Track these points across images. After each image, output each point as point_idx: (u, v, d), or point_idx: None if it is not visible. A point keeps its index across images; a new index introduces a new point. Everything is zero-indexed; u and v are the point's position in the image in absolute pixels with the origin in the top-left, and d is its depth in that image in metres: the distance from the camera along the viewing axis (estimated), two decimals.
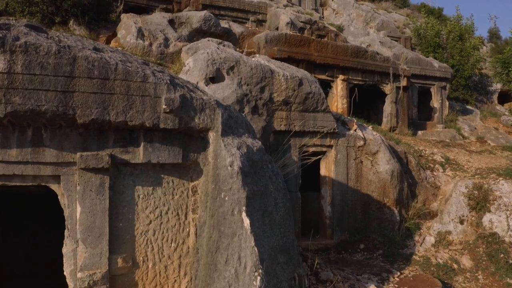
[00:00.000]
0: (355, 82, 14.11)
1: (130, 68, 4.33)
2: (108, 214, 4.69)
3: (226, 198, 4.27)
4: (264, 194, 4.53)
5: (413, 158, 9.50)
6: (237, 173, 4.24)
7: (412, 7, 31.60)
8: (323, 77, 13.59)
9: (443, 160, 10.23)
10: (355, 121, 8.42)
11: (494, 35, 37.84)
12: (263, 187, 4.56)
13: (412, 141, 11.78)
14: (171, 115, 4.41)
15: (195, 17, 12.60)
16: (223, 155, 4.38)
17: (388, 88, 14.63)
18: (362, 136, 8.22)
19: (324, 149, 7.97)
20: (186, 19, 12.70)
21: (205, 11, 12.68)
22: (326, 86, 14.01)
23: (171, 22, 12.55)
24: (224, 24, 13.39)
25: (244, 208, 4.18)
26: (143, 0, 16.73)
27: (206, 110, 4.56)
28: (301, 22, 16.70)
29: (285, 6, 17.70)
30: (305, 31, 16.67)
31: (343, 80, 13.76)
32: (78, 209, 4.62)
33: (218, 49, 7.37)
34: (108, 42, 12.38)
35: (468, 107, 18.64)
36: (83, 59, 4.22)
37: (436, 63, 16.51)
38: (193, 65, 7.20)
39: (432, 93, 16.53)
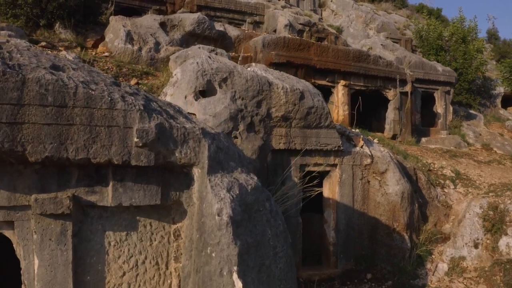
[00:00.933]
0: (357, 88, 13.21)
1: (93, 92, 3.41)
2: (72, 267, 3.78)
3: (213, 255, 3.37)
4: (261, 245, 3.63)
5: (423, 174, 8.62)
6: (227, 224, 3.34)
7: (411, 7, 30.72)
8: (323, 82, 12.69)
9: (454, 175, 9.35)
10: (362, 136, 7.51)
11: (492, 35, 36.97)
12: (260, 236, 3.66)
13: (418, 151, 10.89)
14: (145, 149, 3.50)
15: (188, 19, 11.66)
16: (210, 199, 3.47)
17: (391, 93, 13.73)
18: (369, 153, 7.32)
19: (327, 168, 7.07)
20: (178, 21, 11.76)
21: (198, 14, 11.75)
22: (327, 92, 13.10)
23: (162, 25, 11.61)
24: (219, 26, 12.46)
25: (235, 268, 3.28)
26: (136, 1, 15.78)
27: (189, 142, 3.65)
28: (300, 24, 15.77)
29: (283, 7, 16.77)
30: (304, 34, 15.74)
31: (345, 85, 12.86)
32: (36, 261, 3.72)
33: (210, 58, 6.46)
34: (96, 46, 11.42)
35: (472, 111, 17.75)
36: (34, 82, 3.30)
37: (440, 67, 15.61)
38: (181, 77, 6.28)
39: (436, 98, 15.64)
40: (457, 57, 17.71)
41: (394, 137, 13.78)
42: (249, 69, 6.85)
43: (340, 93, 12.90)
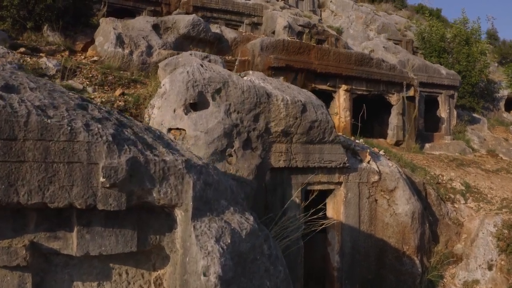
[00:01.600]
0: (359, 93, 12.51)
1: (49, 121, 2.70)
2: None
3: None
4: None
5: (433, 189, 7.94)
6: (215, 287, 2.65)
7: (410, 8, 29.98)
8: (324, 87, 11.99)
9: (464, 188, 8.68)
10: (368, 150, 6.82)
11: (492, 36, 36.28)
12: None
13: (425, 161, 10.21)
14: (114, 190, 2.79)
15: (182, 21, 10.93)
16: (194, 253, 2.78)
17: (394, 98, 13.04)
18: (376, 169, 6.63)
19: (331, 186, 6.37)
20: (172, 23, 11.04)
21: (193, 15, 11.02)
22: (327, 97, 12.41)
23: (155, 27, 10.88)
24: (215, 29, 11.74)
25: None
26: (130, 2, 15.05)
27: (169, 179, 2.95)
28: (300, 25, 15.05)
29: (282, 8, 16.05)
30: (304, 36, 15.02)
31: (346, 90, 12.16)
32: None
33: (202, 66, 5.75)
34: (85, 49, 10.70)
35: (475, 115, 17.07)
36: None
37: (443, 70, 14.92)
38: (169, 88, 5.57)
39: (440, 102, 14.95)
40: (460, 60, 17.02)
41: (397, 143, 13.10)
42: (245, 78, 6.14)
43: (341, 98, 12.20)
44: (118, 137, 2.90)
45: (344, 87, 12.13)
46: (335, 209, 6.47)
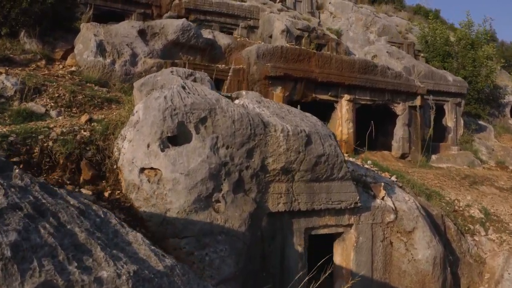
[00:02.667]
0: (363, 103, 11.36)
1: None
2: None
3: None
4: None
5: (451, 222, 6.81)
6: None
7: (408, 8, 28.80)
8: (325, 97, 10.84)
9: (483, 216, 7.56)
10: (383, 183, 5.67)
11: (491, 37, 35.12)
12: None
13: (436, 180, 9.08)
14: None
15: (171, 26, 9.73)
16: None
17: (399, 108, 11.89)
18: (392, 206, 5.48)
19: (340, 229, 5.22)
20: (160, 29, 9.84)
21: (183, 20, 9.81)
22: (329, 107, 11.26)
23: (141, 33, 9.68)
24: (207, 34, 10.54)
25: None
26: (118, 4, 13.83)
27: None
28: (298, 29, 13.87)
29: (280, 10, 14.86)
30: (303, 40, 13.84)
31: (349, 100, 11.00)
32: None
33: (184, 89, 4.58)
34: (65, 57, 9.48)
35: (481, 122, 15.94)
36: None
37: (450, 77, 13.77)
38: (143, 116, 4.40)
39: (446, 111, 13.81)
40: (466, 64, 15.88)
41: (403, 156, 11.97)
42: (237, 101, 4.96)
43: (344, 109, 11.05)
44: (24, 246, 1.74)
45: (346, 96, 10.98)
46: (344, 255, 5.32)
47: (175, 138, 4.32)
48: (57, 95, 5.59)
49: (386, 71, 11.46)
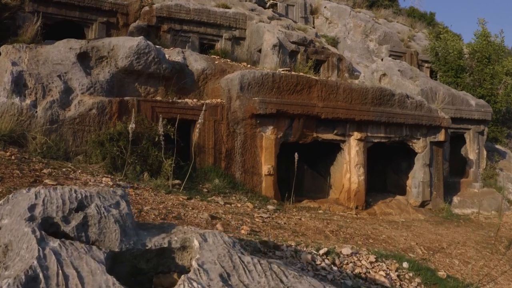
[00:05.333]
0: (376, 141, 8.47)
1: None
2: None
3: None
4: None
5: None
6: None
7: (403, 11, 25.87)
8: (329, 136, 7.92)
9: None
10: None
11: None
12: None
13: (477, 255, 6.26)
14: None
15: (122, 48, 6.68)
16: None
17: (419, 145, 9.02)
18: None
19: None
20: (109, 51, 6.79)
21: (139, 39, 6.76)
22: (334, 148, 8.37)
23: (82, 57, 6.63)
24: (176, 55, 7.51)
25: None
26: (75, 12, 10.70)
27: None
28: (293, 42, 10.87)
29: (270, 19, 11.83)
30: (298, 56, 10.85)
31: (360, 139, 8.10)
32: None
33: None
34: None
35: (498, 147, 13.16)
36: None
37: (472, 100, 10.93)
38: None
39: (467, 141, 10.99)
40: (483, 81, 13.06)
41: (423, 204, 9.13)
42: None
43: (353, 151, 8.14)
44: None
45: (356, 135, 8.07)
46: None
47: None
48: None
49: (404, 101, 8.56)
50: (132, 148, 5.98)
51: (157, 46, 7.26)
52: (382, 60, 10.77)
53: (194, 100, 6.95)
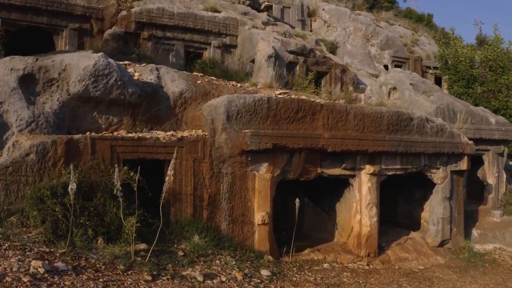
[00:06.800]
0: (390, 173, 6.91)
1: None
2: None
3: None
4: None
5: None
6: None
7: (399, 12, 24.27)
8: (336, 171, 6.32)
9: None
10: None
11: (482, 42, 30.87)
12: None
13: None
14: None
15: (75, 69, 5.04)
16: None
17: (439, 175, 7.45)
18: None
19: None
20: (60, 72, 5.13)
21: (98, 55, 5.09)
22: (341, 182, 6.79)
23: (26, 80, 4.97)
24: (148, 73, 5.85)
25: None
26: (42, 18, 9.00)
27: None
28: (291, 52, 9.23)
29: (265, 24, 10.18)
30: (297, 68, 9.22)
31: (372, 173, 6.51)
32: None
33: None
34: None
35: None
36: None
37: (492, 118, 9.38)
38: None
39: (486, 163, 9.44)
40: (498, 92, 11.54)
41: (442, 244, 7.61)
42: None
43: (364, 188, 6.55)
44: None
45: (368, 168, 6.48)
46: None
47: None
48: None
49: (424, 126, 6.99)
50: (83, 204, 4.37)
51: (123, 63, 5.62)
52: (384, 67, 9.14)
53: (169, 133, 5.32)
